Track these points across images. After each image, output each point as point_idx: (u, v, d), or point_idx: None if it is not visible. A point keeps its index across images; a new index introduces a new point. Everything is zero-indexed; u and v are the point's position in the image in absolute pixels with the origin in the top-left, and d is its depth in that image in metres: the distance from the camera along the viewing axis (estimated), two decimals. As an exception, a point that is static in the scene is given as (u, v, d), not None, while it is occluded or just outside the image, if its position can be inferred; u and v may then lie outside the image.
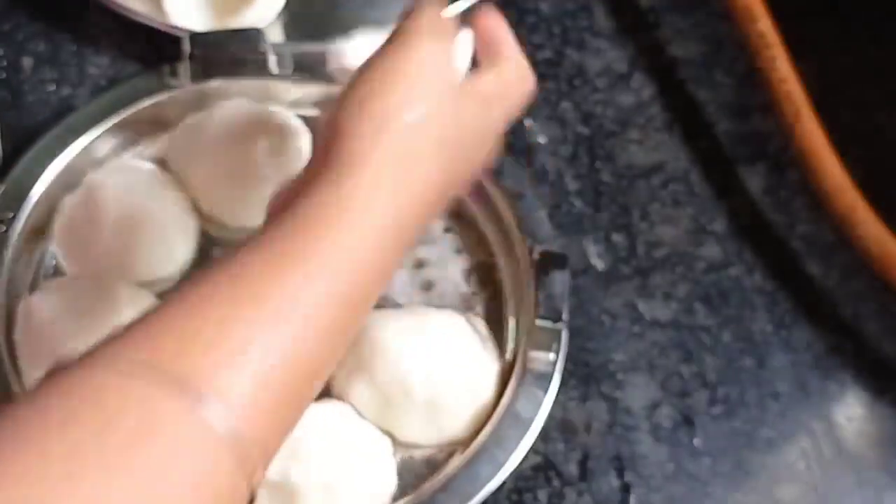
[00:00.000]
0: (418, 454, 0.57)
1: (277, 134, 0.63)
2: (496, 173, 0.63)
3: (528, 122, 0.68)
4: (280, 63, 0.65)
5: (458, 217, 0.64)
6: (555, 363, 0.58)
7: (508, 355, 0.59)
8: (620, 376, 0.61)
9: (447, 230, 0.64)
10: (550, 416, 0.58)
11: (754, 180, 0.68)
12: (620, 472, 0.59)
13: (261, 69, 0.65)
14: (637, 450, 0.59)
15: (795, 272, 0.65)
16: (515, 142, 0.68)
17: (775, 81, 0.64)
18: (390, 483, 0.56)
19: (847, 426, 0.61)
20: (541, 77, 0.70)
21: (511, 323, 0.61)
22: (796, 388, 0.62)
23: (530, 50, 0.71)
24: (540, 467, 0.58)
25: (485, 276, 0.62)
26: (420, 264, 0.63)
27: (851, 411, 0.62)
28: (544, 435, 0.58)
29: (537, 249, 0.61)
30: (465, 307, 0.61)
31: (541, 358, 0.58)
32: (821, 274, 0.65)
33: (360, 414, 0.57)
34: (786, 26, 0.65)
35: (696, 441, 0.60)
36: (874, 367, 0.63)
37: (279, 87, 0.66)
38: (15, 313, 0.58)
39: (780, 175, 0.68)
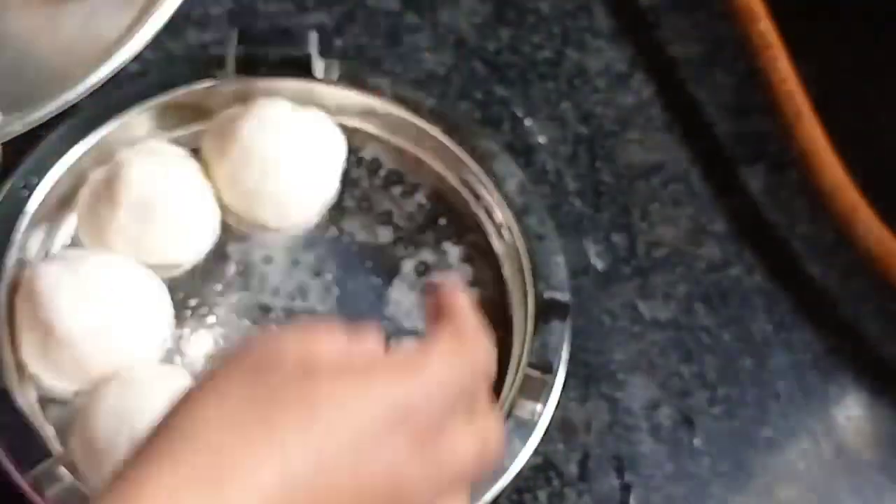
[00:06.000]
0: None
1: (311, 138, 0.63)
2: (522, 210, 0.62)
3: (528, 122, 0.69)
4: (327, 68, 0.65)
5: (478, 248, 0.64)
6: (540, 415, 0.57)
7: (502, 406, 0.57)
8: (620, 376, 0.61)
9: (465, 260, 0.63)
10: (550, 418, 0.58)
11: (754, 180, 0.68)
12: (620, 472, 0.59)
13: (306, 72, 0.65)
14: (637, 450, 0.59)
15: (795, 272, 0.65)
16: (515, 142, 0.68)
17: (775, 81, 0.64)
18: None
19: (847, 426, 0.61)
20: (541, 77, 0.71)
21: (511, 368, 0.59)
22: (796, 389, 0.62)
23: (530, 50, 0.71)
24: (540, 467, 0.58)
25: (493, 315, 0.60)
26: None
27: (851, 412, 0.62)
28: (544, 435, 0.58)
29: (545, 295, 0.60)
30: None
31: (527, 407, 0.57)
32: (821, 274, 0.65)
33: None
34: (786, 26, 0.65)
35: (696, 441, 0.60)
36: (874, 368, 0.63)
37: (323, 92, 0.65)
38: (22, 277, 0.59)
39: (780, 175, 0.68)
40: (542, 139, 0.68)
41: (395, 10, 0.72)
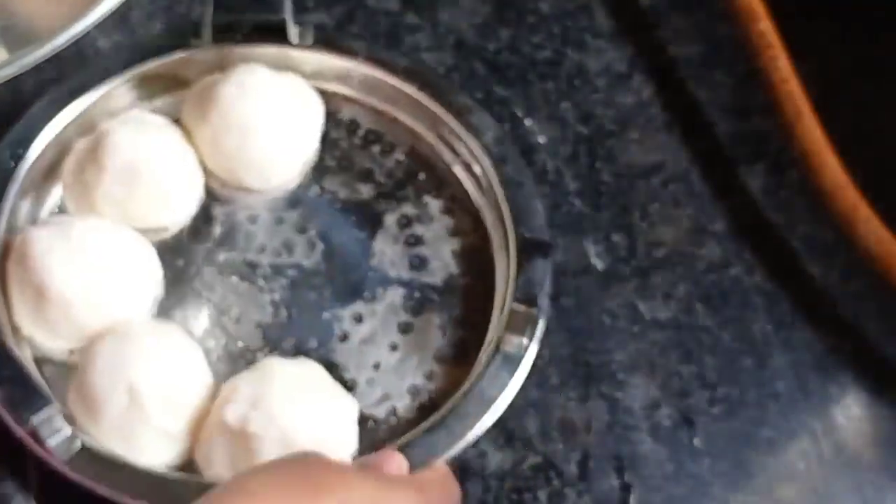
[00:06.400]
0: (381, 422, 0.58)
1: (289, 101, 0.64)
2: (499, 160, 0.63)
3: (528, 122, 0.69)
4: (301, 34, 0.67)
5: (458, 200, 0.65)
6: (527, 348, 0.58)
7: (489, 343, 0.59)
8: (620, 376, 0.61)
9: (446, 211, 0.65)
10: (549, 415, 0.58)
11: (754, 180, 0.68)
12: (620, 472, 0.59)
13: (281, 38, 0.66)
14: (637, 450, 0.59)
15: (795, 272, 0.65)
16: (515, 142, 0.68)
17: (776, 81, 0.64)
18: (350, 445, 0.56)
19: (847, 426, 0.61)
20: (541, 77, 0.71)
21: (496, 310, 0.61)
22: (796, 389, 0.62)
23: (530, 50, 0.71)
24: (540, 467, 0.58)
25: (476, 261, 0.63)
26: (414, 241, 0.63)
27: (851, 412, 0.62)
28: (544, 435, 0.58)
29: (526, 236, 0.61)
30: (452, 290, 0.62)
31: (514, 341, 0.58)
32: (821, 274, 0.65)
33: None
34: (786, 26, 0.65)
35: (696, 441, 0.60)
36: (874, 368, 0.63)
37: (299, 58, 0.66)
38: (13, 243, 0.60)
39: (780, 175, 0.68)
40: (542, 139, 0.68)
41: (395, 10, 0.72)
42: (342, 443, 0.56)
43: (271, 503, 0.44)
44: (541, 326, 0.58)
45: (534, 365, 0.61)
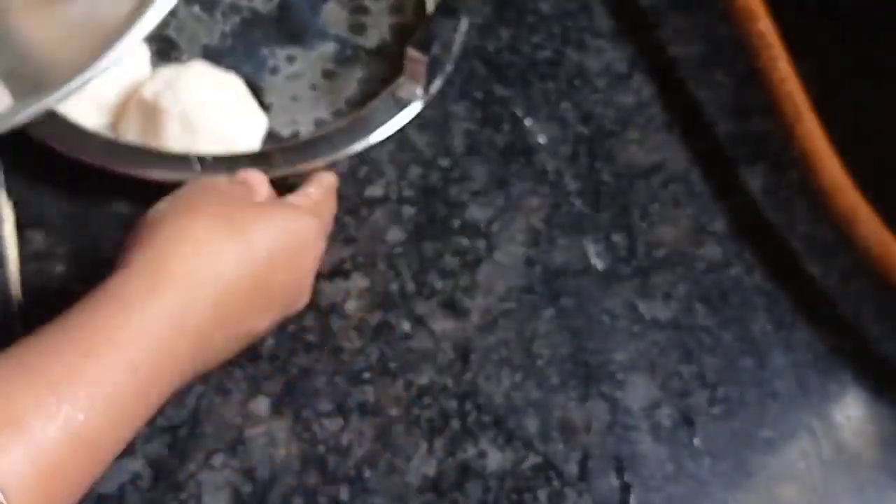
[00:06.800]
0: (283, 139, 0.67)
1: None
2: None
3: (528, 122, 0.69)
4: None
5: None
6: (419, 94, 0.65)
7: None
8: (620, 376, 0.61)
9: None
10: (549, 415, 0.58)
11: (754, 180, 0.68)
12: (620, 472, 0.59)
13: None
14: (637, 450, 0.59)
15: (795, 272, 0.65)
16: (515, 142, 0.68)
17: (776, 81, 0.64)
18: (251, 147, 0.65)
19: (847, 426, 0.61)
20: (541, 77, 0.71)
21: None
22: (796, 388, 0.62)
23: (530, 50, 0.71)
24: (540, 467, 0.58)
25: (410, 37, 0.67)
26: (360, 10, 0.72)
27: (851, 411, 0.62)
28: (544, 435, 0.58)
29: (442, 4, 0.68)
30: (380, 54, 0.70)
31: (408, 87, 0.66)
32: (821, 274, 0.65)
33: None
34: (786, 26, 0.65)
35: (696, 441, 0.60)
36: (874, 367, 0.63)
37: None
38: None
39: (780, 175, 0.68)
40: (542, 139, 0.68)
41: (394, 9, 0.73)
42: (243, 143, 0.65)
43: (205, 219, 0.53)
44: (439, 83, 0.66)
45: (534, 365, 0.61)
